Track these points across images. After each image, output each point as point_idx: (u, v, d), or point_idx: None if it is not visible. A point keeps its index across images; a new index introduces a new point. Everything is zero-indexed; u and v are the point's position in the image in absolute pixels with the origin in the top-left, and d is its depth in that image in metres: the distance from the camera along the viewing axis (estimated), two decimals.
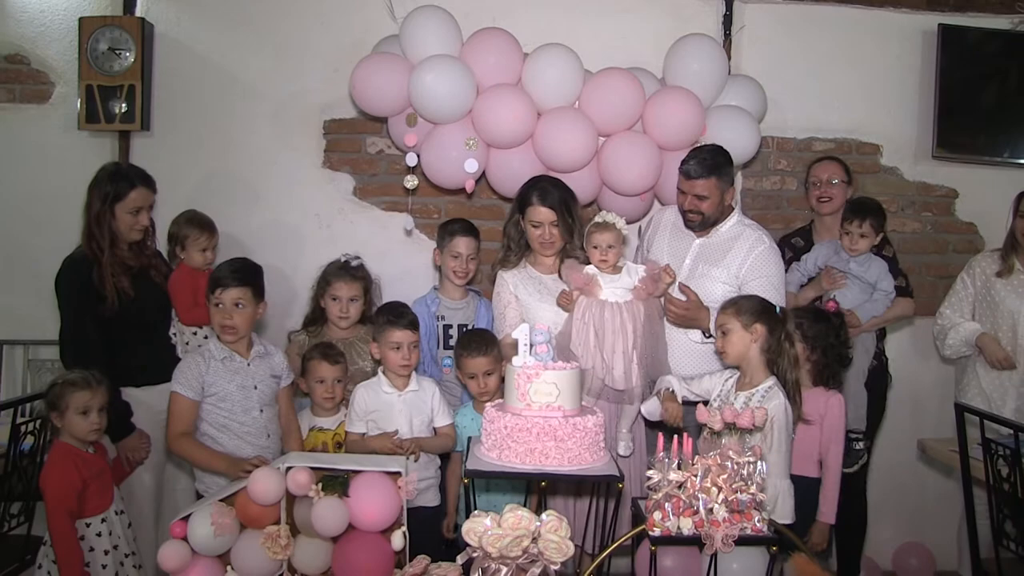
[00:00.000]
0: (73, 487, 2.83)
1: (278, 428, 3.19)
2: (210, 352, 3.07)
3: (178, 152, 4.13)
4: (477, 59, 3.69)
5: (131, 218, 3.34)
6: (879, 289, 3.58)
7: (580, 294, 3.15)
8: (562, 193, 3.41)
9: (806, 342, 3.12)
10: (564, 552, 2.10)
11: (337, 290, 3.45)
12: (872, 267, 3.60)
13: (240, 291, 3.06)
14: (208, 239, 3.55)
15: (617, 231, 3.17)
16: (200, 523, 2.58)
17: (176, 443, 3.01)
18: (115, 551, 2.94)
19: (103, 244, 3.28)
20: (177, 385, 3.01)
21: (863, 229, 3.58)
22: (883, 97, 4.36)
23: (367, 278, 3.55)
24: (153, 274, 3.47)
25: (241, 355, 3.10)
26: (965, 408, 3.33)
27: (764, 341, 2.87)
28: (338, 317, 3.45)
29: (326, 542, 2.63)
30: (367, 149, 4.22)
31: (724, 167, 3.33)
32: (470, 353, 3.18)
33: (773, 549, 2.32)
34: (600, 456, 2.60)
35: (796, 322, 3.12)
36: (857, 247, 3.60)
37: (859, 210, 3.62)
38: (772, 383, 2.86)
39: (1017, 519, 3.08)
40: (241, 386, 3.06)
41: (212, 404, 3.04)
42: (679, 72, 3.85)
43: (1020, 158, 4.37)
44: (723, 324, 2.92)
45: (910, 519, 4.41)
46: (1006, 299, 3.77)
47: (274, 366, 3.19)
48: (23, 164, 4.12)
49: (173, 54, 4.13)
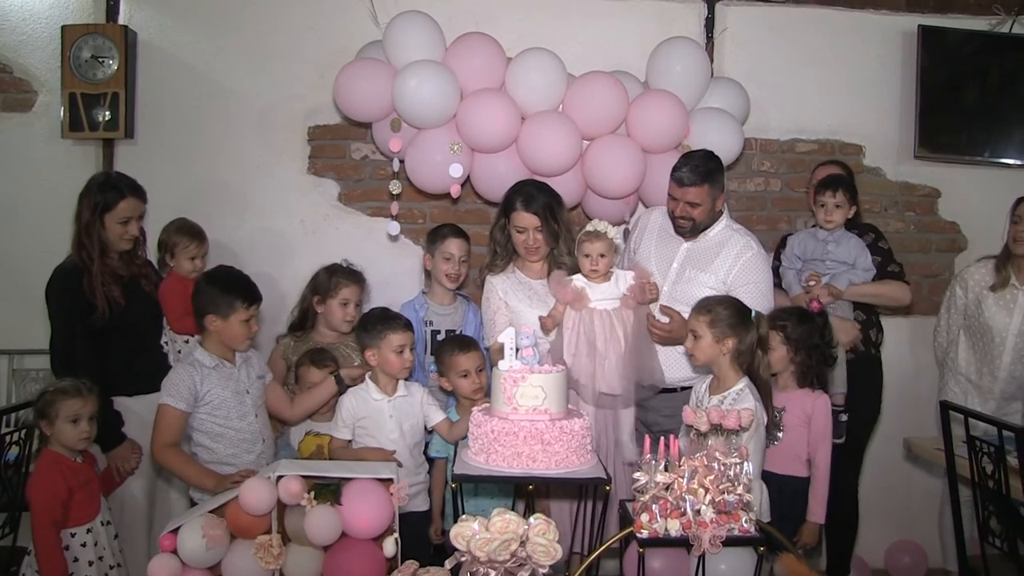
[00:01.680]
0: (59, 496, 2.82)
1: (271, 433, 3.19)
2: (199, 361, 3.04)
3: (163, 160, 4.11)
4: (460, 64, 3.70)
5: (120, 228, 3.32)
6: (859, 268, 3.58)
7: (567, 307, 3.16)
8: (547, 198, 3.41)
9: (790, 344, 3.13)
10: (552, 555, 2.11)
11: (348, 294, 3.48)
12: (848, 245, 3.59)
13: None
14: (198, 247, 3.55)
15: (609, 240, 3.17)
16: (190, 535, 2.55)
17: (162, 454, 2.97)
18: (99, 562, 2.93)
19: (93, 254, 3.27)
20: (167, 397, 2.97)
21: (837, 199, 3.57)
22: (865, 98, 4.39)
23: (365, 283, 3.60)
24: (144, 283, 3.45)
25: (229, 362, 3.10)
26: (950, 406, 3.35)
27: (734, 351, 2.89)
28: (344, 321, 3.46)
29: (318, 550, 2.63)
30: (352, 155, 4.22)
31: (716, 173, 3.33)
32: (462, 349, 3.17)
33: (761, 549, 2.33)
34: (587, 459, 2.61)
35: (780, 324, 3.13)
36: (833, 218, 3.58)
37: (830, 182, 3.63)
38: (744, 385, 2.87)
39: (1002, 515, 3.10)
40: (236, 392, 3.06)
41: (207, 413, 3.02)
42: (662, 75, 3.86)
43: (1001, 157, 4.40)
44: (695, 329, 2.92)
45: (899, 517, 4.43)
46: (995, 315, 3.78)
47: (258, 367, 3.21)
48: (6, 173, 4.10)
49: (156, 61, 4.12)
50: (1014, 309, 3.75)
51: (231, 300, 3.03)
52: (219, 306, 3.03)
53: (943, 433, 3.36)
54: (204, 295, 3.07)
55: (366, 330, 3.18)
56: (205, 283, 3.11)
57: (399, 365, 3.11)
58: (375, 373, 3.15)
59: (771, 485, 3.00)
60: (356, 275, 3.55)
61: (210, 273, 3.19)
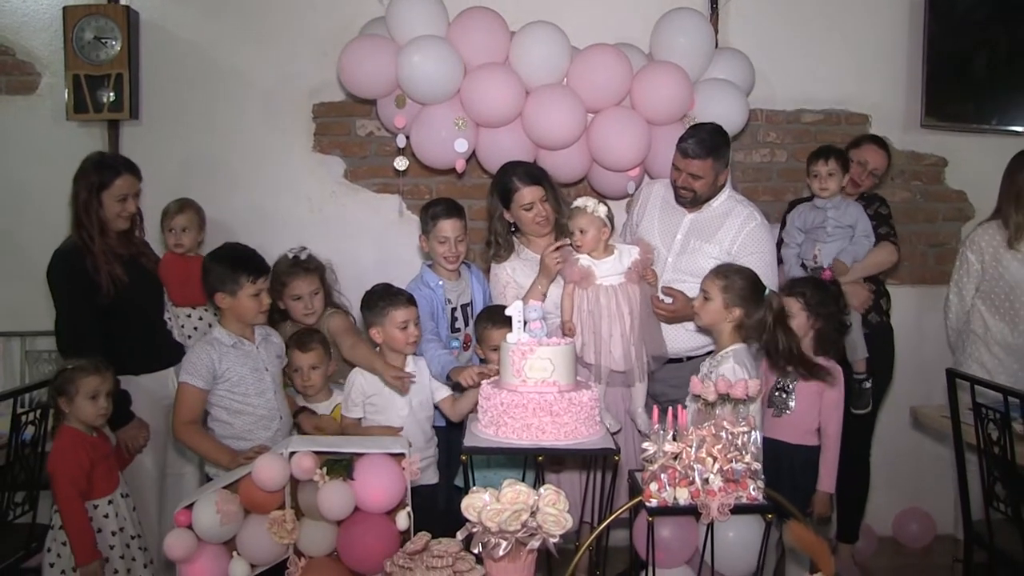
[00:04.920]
0: (82, 468, 2.89)
1: (289, 411, 3.20)
2: (218, 339, 3.06)
3: (168, 140, 4.12)
4: (464, 39, 3.69)
5: (118, 206, 3.33)
6: (858, 233, 3.58)
7: (575, 286, 3.16)
8: (537, 168, 3.46)
9: (810, 310, 3.14)
10: (563, 525, 2.13)
11: (296, 288, 3.35)
12: (848, 210, 3.59)
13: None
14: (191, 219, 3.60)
15: (590, 216, 3.15)
16: (204, 511, 2.57)
17: (182, 431, 3.02)
18: (121, 533, 2.99)
19: (93, 233, 3.28)
20: (186, 375, 3.00)
21: (829, 167, 3.56)
22: (871, 67, 4.36)
23: (320, 266, 3.46)
24: (144, 261, 3.48)
25: (248, 339, 3.11)
26: (956, 374, 3.36)
27: (739, 321, 2.94)
28: (304, 315, 3.36)
29: (331, 524, 2.65)
30: (357, 132, 4.22)
31: (721, 149, 3.33)
32: (495, 325, 3.13)
33: (768, 517, 2.36)
34: (596, 430, 2.63)
35: (798, 291, 3.15)
36: (827, 186, 3.58)
37: (823, 152, 3.62)
38: (732, 349, 2.92)
39: (1007, 481, 3.13)
40: (254, 369, 3.07)
41: (226, 390, 3.04)
42: (666, 47, 3.85)
43: (1009, 125, 4.36)
44: (707, 290, 2.98)
45: (906, 486, 4.45)
46: (1019, 270, 3.69)
47: (276, 347, 3.21)
48: (12, 156, 4.12)
49: (160, 41, 4.11)
50: None
51: (236, 276, 3.03)
52: (226, 283, 3.04)
53: (949, 401, 3.38)
54: (211, 274, 3.08)
55: (369, 308, 3.17)
56: (210, 261, 3.12)
57: (404, 340, 3.11)
58: (382, 350, 3.17)
59: (783, 455, 3.04)
60: (303, 265, 3.39)
61: (214, 251, 3.19)
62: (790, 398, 3.11)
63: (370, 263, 4.03)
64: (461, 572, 2.20)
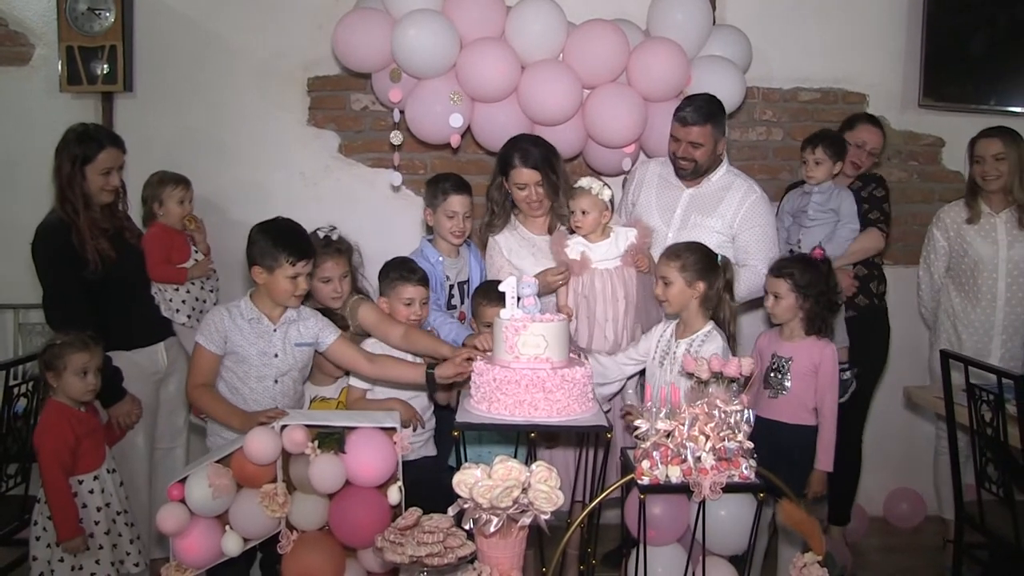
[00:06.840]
0: (67, 443, 2.87)
1: (291, 404, 3.00)
2: (239, 309, 2.95)
3: (162, 113, 4.10)
4: (460, 13, 3.65)
5: (102, 179, 3.28)
6: (842, 220, 3.59)
7: (571, 273, 3.16)
8: (544, 151, 3.35)
9: (798, 291, 3.12)
10: (554, 502, 2.13)
11: (327, 270, 3.17)
12: (836, 196, 3.60)
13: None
14: (184, 191, 3.58)
15: (593, 197, 3.16)
16: (197, 485, 2.59)
17: (194, 393, 2.93)
18: (107, 508, 2.98)
19: (78, 206, 3.22)
20: (200, 336, 2.92)
21: (816, 155, 3.57)
22: (869, 46, 4.34)
23: (350, 248, 3.31)
24: (128, 235, 3.44)
25: (271, 319, 2.97)
26: (950, 355, 3.36)
27: (703, 295, 2.96)
28: (332, 298, 3.20)
29: (323, 498, 2.67)
30: (352, 106, 4.20)
31: (718, 115, 3.35)
32: (491, 302, 3.10)
33: (760, 496, 2.36)
34: (589, 407, 2.63)
35: (787, 272, 3.14)
36: (814, 174, 3.59)
37: (813, 138, 3.63)
38: (710, 328, 2.95)
39: (999, 462, 3.14)
40: (262, 352, 2.94)
41: (231, 363, 2.94)
42: (663, 23, 3.82)
43: (1007, 106, 4.34)
44: (665, 275, 2.97)
45: (897, 466, 4.47)
46: (981, 246, 3.75)
47: (303, 333, 3.00)
48: (5, 128, 4.09)
49: (154, 13, 4.08)
50: (996, 236, 3.73)
51: (276, 254, 2.87)
52: (265, 258, 2.89)
53: (943, 382, 3.38)
54: (255, 245, 2.93)
55: (384, 277, 3.19)
56: (257, 232, 2.95)
57: (404, 316, 3.11)
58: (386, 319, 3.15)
59: (780, 435, 3.05)
60: (335, 245, 3.24)
61: (264, 223, 3.00)
62: (785, 378, 3.11)
63: (364, 239, 4.00)
64: (452, 548, 2.20)
